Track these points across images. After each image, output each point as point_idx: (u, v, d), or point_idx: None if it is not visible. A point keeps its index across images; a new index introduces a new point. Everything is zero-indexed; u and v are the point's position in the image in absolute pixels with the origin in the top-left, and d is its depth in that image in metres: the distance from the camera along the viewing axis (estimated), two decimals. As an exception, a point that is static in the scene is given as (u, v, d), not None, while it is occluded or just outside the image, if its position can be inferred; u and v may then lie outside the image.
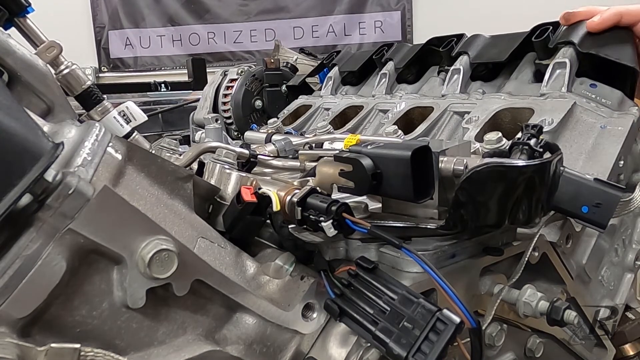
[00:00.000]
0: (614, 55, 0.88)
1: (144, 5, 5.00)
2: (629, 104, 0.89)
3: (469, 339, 0.47)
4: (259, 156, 0.83)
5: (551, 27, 0.98)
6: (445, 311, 0.46)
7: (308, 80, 1.72)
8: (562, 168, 0.59)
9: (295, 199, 0.56)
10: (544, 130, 0.72)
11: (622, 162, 0.79)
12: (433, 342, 0.45)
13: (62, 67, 0.96)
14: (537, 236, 0.66)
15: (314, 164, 0.76)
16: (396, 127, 1.00)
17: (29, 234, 0.38)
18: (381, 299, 0.50)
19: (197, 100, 2.05)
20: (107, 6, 4.98)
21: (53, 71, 0.91)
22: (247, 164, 0.79)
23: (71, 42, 1.21)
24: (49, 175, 0.38)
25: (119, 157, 0.47)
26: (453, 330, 0.44)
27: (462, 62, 1.12)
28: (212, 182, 0.61)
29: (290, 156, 0.96)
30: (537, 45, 0.99)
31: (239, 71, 1.82)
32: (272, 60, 1.80)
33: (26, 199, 0.38)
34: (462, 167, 0.56)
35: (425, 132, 1.03)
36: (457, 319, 0.44)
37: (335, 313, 0.53)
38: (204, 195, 0.58)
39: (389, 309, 0.49)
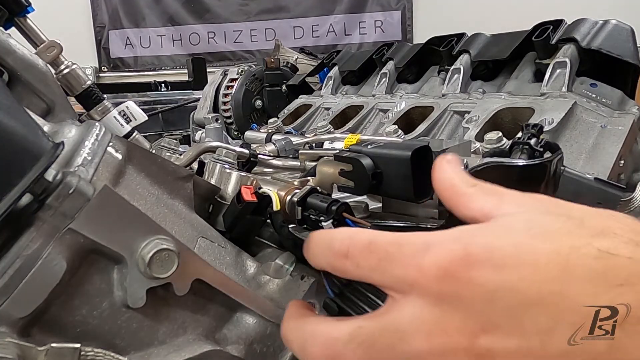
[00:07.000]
0: (617, 52, 0.88)
1: (144, 5, 5.01)
2: (630, 103, 0.89)
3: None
4: (259, 156, 0.83)
5: (551, 27, 0.98)
6: None
7: (308, 79, 1.72)
8: (562, 168, 0.59)
9: (295, 199, 0.56)
10: (545, 129, 0.72)
11: (622, 161, 0.79)
12: None
13: (62, 66, 0.96)
14: (538, 236, 0.66)
15: (314, 163, 0.75)
16: (396, 126, 1.00)
17: (29, 234, 0.38)
18: (380, 298, 0.50)
19: (197, 100, 2.06)
20: (107, 6, 4.99)
21: (53, 71, 0.91)
22: (247, 163, 0.79)
23: (71, 42, 1.21)
24: (49, 175, 0.38)
25: (119, 156, 0.47)
26: None
27: (462, 62, 1.12)
28: (213, 181, 0.61)
29: (291, 156, 0.96)
30: (537, 44, 1.00)
31: (239, 71, 1.82)
32: (273, 60, 1.80)
33: (26, 198, 0.38)
34: (462, 167, 0.55)
35: (425, 131, 1.03)
36: None
37: (334, 312, 0.52)
38: (204, 195, 0.58)
39: None
